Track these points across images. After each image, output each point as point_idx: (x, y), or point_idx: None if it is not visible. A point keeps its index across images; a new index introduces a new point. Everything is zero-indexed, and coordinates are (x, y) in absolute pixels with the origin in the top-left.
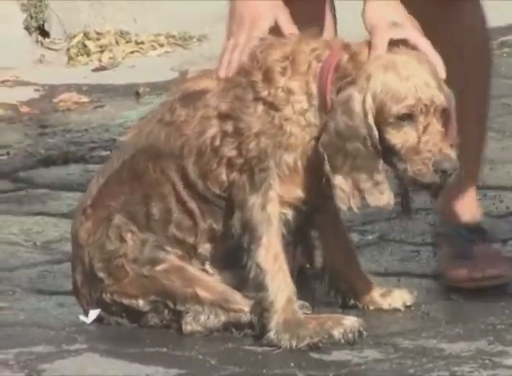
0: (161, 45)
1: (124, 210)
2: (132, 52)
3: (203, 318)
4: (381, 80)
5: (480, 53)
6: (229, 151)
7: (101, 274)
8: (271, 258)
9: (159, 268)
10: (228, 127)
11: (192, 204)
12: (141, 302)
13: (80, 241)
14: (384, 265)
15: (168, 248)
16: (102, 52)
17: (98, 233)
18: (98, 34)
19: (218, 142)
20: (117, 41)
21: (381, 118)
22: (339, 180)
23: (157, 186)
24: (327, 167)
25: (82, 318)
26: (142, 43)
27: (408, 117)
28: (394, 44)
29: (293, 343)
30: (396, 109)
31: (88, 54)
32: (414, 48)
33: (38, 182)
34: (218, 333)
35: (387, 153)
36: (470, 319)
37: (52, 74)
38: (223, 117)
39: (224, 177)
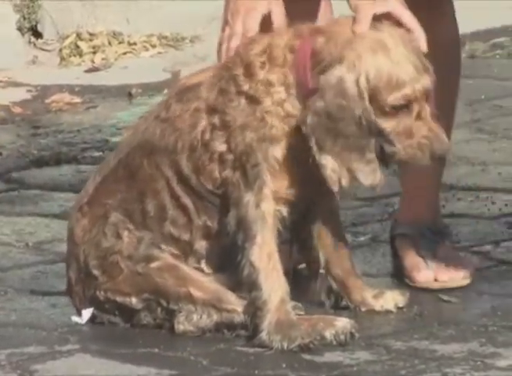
0: (154, 46)
1: (121, 207)
2: (125, 53)
3: (195, 317)
4: (373, 63)
5: (452, 61)
6: (219, 145)
7: (96, 271)
8: (265, 256)
9: (153, 265)
10: (216, 120)
11: (187, 200)
12: (134, 300)
13: (75, 239)
14: (376, 266)
15: (163, 246)
16: (94, 52)
17: (94, 231)
18: (90, 34)
19: (208, 136)
20: (110, 41)
21: (375, 104)
22: (328, 160)
23: (152, 181)
24: (314, 148)
25: (75, 319)
26: (135, 44)
27: (403, 106)
28: (377, 19)
29: (285, 344)
30: (393, 98)
31: (81, 55)
32: (398, 22)
33: (30, 182)
34: (210, 333)
35: (377, 138)
36: (462, 320)
37: (45, 75)
38: (210, 110)
39: (217, 174)
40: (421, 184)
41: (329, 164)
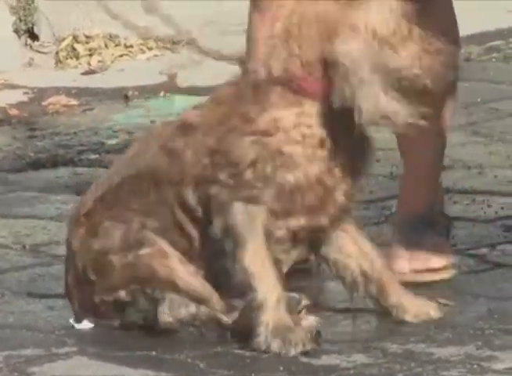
0: (150, 49)
1: (118, 219)
2: (121, 56)
3: (176, 308)
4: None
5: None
6: (221, 175)
7: (92, 276)
8: (258, 261)
9: (144, 251)
10: (220, 160)
11: (193, 231)
12: (122, 293)
13: (73, 248)
14: None
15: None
16: (91, 55)
17: (88, 237)
18: (87, 37)
19: (212, 172)
20: (106, 44)
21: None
22: (364, 92)
23: (156, 206)
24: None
25: (73, 322)
26: (131, 46)
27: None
28: None
29: (284, 350)
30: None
31: (77, 57)
32: None
33: (27, 184)
34: (185, 325)
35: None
36: (458, 323)
37: (41, 77)
38: (213, 151)
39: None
40: (418, 176)
41: (392, 107)
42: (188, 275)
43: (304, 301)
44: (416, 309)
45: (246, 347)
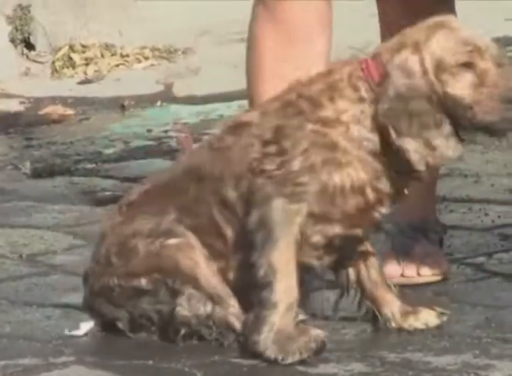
0: (146, 58)
1: (156, 212)
2: (117, 65)
3: (195, 303)
4: (433, 38)
5: None
6: (270, 167)
7: (114, 258)
8: (284, 259)
9: (171, 241)
10: (271, 149)
11: (228, 231)
12: (144, 281)
13: (103, 232)
14: None
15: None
16: (87, 64)
17: (122, 225)
18: (83, 46)
19: (258, 164)
20: (103, 53)
21: (441, 72)
22: (409, 142)
23: (195, 204)
24: (393, 135)
25: (67, 331)
26: (128, 56)
27: (467, 64)
28: None
29: (280, 357)
30: (454, 58)
31: (74, 67)
32: None
33: (24, 194)
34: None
35: (452, 109)
36: (456, 332)
37: (38, 87)
38: (265, 142)
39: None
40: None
41: (410, 145)
42: (210, 273)
43: (301, 316)
44: (414, 317)
45: (243, 356)
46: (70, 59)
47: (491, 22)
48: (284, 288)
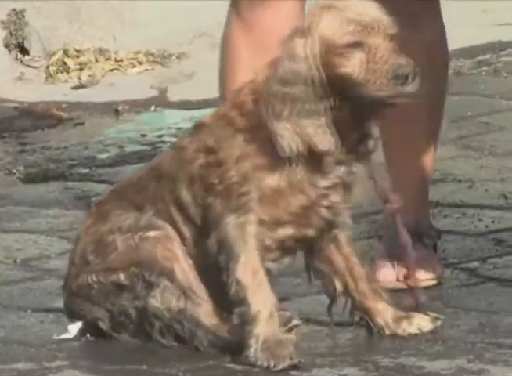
0: (140, 63)
1: (127, 209)
2: (112, 70)
3: (168, 296)
4: (322, 20)
5: (437, 69)
6: (214, 179)
7: (90, 257)
8: (250, 273)
9: (151, 233)
10: (211, 158)
11: (184, 228)
12: (122, 276)
13: (78, 234)
14: None
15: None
16: (81, 69)
17: (96, 224)
18: (77, 51)
19: (204, 172)
20: (97, 58)
21: (329, 54)
22: (281, 127)
23: (155, 202)
24: (270, 117)
25: (62, 336)
26: (122, 61)
27: (355, 43)
28: None
29: (272, 363)
30: (342, 38)
31: (68, 71)
32: None
33: (18, 199)
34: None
35: (345, 89)
36: (449, 337)
37: (32, 92)
38: (208, 150)
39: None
40: (404, 188)
41: (281, 130)
42: (187, 267)
43: (295, 321)
44: (407, 322)
45: (237, 361)
46: (64, 63)
47: (485, 27)
48: (259, 300)
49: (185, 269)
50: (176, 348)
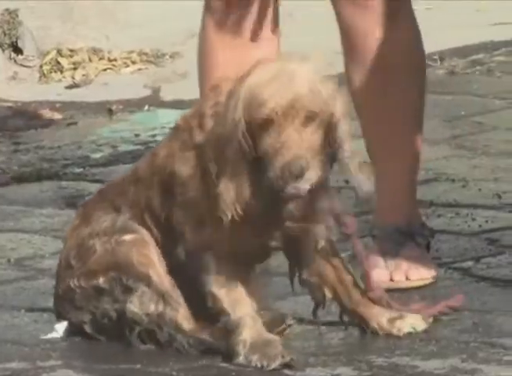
0: (134, 62)
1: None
2: (105, 69)
3: (146, 301)
4: (248, 84)
5: (414, 68)
6: (177, 189)
7: (73, 261)
8: (222, 285)
9: (127, 237)
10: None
11: (157, 234)
12: (101, 280)
13: (66, 235)
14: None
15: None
16: (75, 69)
17: (80, 226)
18: (71, 51)
19: (171, 180)
20: (90, 58)
21: (252, 124)
22: (220, 186)
23: (132, 205)
24: (214, 175)
25: (50, 335)
26: (115, 60)
27: (269, 121)
28: None
29: (265, 363)
30: (258, 113)
31: (61, 71)
32: None
33: (12, 198)
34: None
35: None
36: (443, 336)
37: (25, 91)
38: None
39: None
40: (393, 187)
41: (221, 191)
42: (163, 272)
43: (289, 321)
44: (400, 321)
45: (231, 360)
46: (58, 63)
47: (478, 26)
48: (237, 308)
49: (160, 273)
50: (170, 348)
